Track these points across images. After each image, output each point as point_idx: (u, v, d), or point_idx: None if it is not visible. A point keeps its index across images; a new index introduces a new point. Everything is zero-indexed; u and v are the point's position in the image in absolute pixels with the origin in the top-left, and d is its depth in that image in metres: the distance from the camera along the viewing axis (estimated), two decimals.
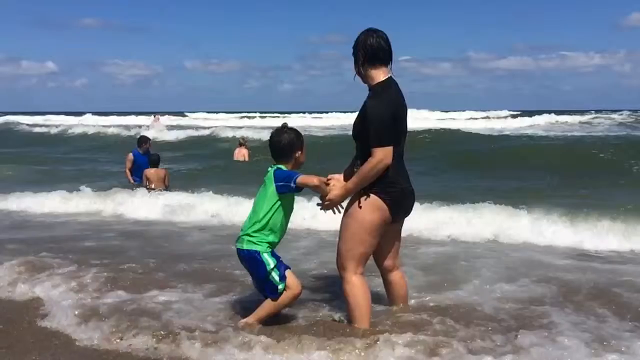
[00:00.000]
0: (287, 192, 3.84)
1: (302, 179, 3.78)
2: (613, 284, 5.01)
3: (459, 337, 3.71)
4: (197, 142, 23.82)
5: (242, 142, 15.88)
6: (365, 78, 3.82)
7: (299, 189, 3.81)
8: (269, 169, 3.95)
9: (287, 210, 3.91)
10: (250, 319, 3.91)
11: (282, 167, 3.91)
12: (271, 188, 3.84)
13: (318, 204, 3.94)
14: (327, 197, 3.80)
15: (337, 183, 3.83)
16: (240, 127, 27.31)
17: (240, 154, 15.41)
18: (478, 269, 5.53)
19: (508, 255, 6.21)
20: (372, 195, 3.70)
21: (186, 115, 60.88)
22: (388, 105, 3.66)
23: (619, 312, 4.30)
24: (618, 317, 4.19)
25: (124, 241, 7.12)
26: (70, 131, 30.38)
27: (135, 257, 6.12)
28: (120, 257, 6.10)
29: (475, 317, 4.16)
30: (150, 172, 10.71)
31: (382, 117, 3.61)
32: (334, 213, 3.94)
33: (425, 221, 7.31)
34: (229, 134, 24.14)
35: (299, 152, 3.94)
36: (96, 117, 49.60)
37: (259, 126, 30.24)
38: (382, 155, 3.59)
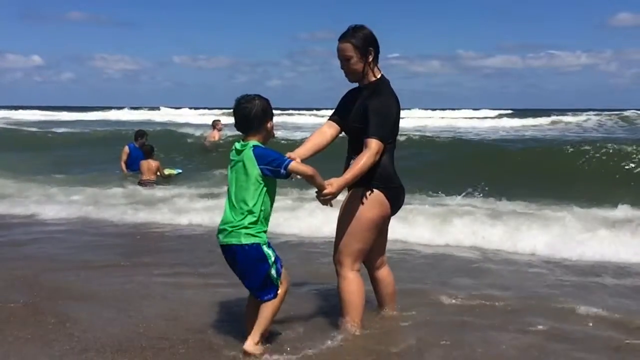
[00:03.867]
0: (273, 177, 3.39)
1: (295, 166, 3.35)
2: None
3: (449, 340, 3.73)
4: None
5: (214, 126, 15.51)
6: (366, 75, 3.73)
7: (288, 176, 3.39)
8: (240, 146, 3.42)
9: (273, 192, 3.45)
10: (255, 338, 3.39)
11: (258, 143, 3.41)
12: (255, 171, 3.34)
13: (317, 198, 3.59)
14: (326, 191, 3.47)
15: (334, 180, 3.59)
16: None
17: (212, 136, 15.27)
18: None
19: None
20: (375, 191, 3.66)
21: (159, 109, 59.88)
22: (395, 103, 3.70)
23: None
24: None
25: None
26: None
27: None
28: None
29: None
30: (142, 163, 10.95)
31: (390, 112, 3.64)
32: (331, 206, 3.69)
33: None
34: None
35: (270, 122, 3.49)
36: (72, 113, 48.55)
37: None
38: (379, 148, 3.56)
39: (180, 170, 12.16)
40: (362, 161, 3.53)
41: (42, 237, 7.02)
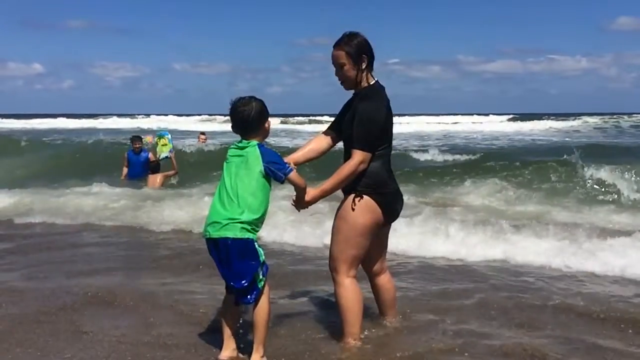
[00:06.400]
0: (272, 177, 3.39)
1: (293, 176, 3.41)
2: None
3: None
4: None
5: (198, 139, 17.81)
6: (360, 82, 3.72)
7: (283, 182, 3.42)
8: (243, 143, 3.42)
9: (269, 192, 3.44)
10: (259, 351, 3.40)
11: (260, 143, 3.43)
12: (258, 167, 3.34)
13: (292, 204, 3.71)
14: (305, 200, 3.62)
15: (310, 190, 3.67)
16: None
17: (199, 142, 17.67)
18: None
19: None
20: (365, 197, 3.66)
21: (149, 116, 60.38)
22: (384, 109, 3.66)
23: None
24: None
25: None
26: None
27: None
28: None
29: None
30: (149, 178, 11.54)
31: (376, 121, 3.60)
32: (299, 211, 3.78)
33: None
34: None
35: (268, 122, 3.50)
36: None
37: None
38: (363, 158, 3.58)
39: (167, 134, 12.49)
40: (343, 172, 3.58)
41: (48, 245, 6.99)
